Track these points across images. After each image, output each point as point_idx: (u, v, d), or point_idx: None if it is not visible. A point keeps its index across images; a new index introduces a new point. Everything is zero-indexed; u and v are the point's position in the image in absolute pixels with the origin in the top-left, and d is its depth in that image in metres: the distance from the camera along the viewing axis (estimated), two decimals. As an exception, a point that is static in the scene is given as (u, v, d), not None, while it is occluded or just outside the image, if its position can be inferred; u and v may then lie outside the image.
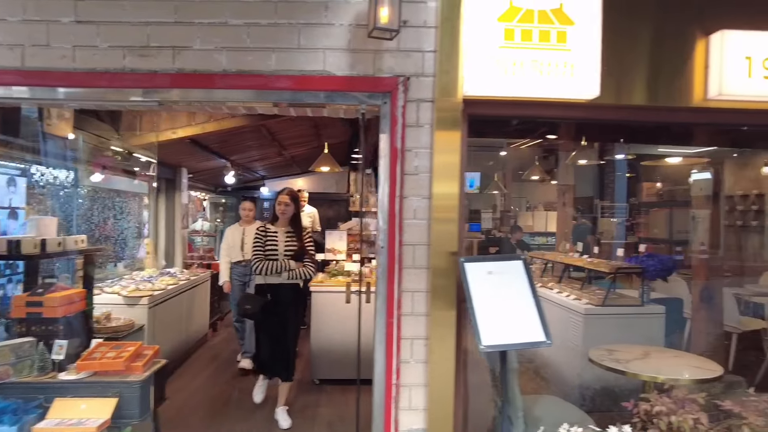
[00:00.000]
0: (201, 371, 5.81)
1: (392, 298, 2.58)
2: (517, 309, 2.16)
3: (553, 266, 6.46)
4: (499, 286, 2.21)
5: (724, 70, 2.41)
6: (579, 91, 2.37)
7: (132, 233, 7.06)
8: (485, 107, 2.53)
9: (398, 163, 2.56)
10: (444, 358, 2.49)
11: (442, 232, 2.49)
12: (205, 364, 6.15)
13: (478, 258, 2.29)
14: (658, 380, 2.94)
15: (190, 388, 5.27)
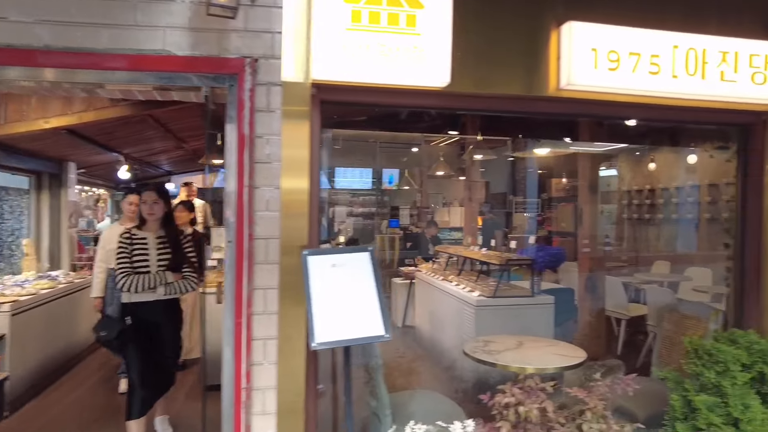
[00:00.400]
0: (84, 381, 5.34)
1: (240, 297, 2.41)
2: (358, 303, 2.06)
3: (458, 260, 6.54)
4: (342, 279, 2.10)
5: (572, 60, 2.44)
6: (429, 78, 2.31)
7: (5, 233, 6.39)
8: (337, 93, 2.41)
9: (246, 150, 2.38)
10: (293, 359, 2.35)
11: (291, 225, 2.35)
12: (90, 373, 5.67)
13: (322, 251, 2.17)
14: (527, 371, 2.97)
15: (66, 401, 4.83)
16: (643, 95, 2.58)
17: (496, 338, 3.49)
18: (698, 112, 2.80)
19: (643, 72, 2.53)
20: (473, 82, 2.46)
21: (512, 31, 2.52)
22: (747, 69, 2.68)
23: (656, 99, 2.63)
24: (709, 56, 2.62)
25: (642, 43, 2.53)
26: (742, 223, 3.05)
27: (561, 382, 3.91)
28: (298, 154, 2.33)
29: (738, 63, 2.66)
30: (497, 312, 4.63)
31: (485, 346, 3.30)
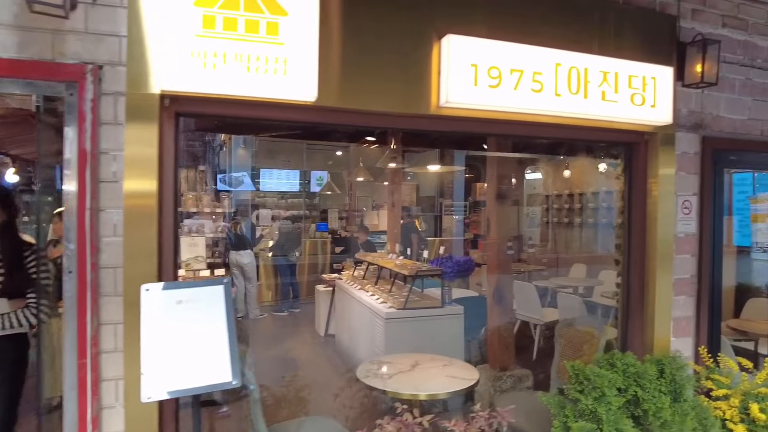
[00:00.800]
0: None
1: (84, 334, 2.12)
2: (205, 345, 1.84)
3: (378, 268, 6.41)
4: (188, 318, 1.88)
5: (450, 77, 2.33)
6: (294, 92, 2.12)
7: None
8: (194, 105, 2.17)
9: (88, 168, 2.09)
10: (141, 403, 2.09)
11: (135, 253, 2.08)
12: None
13: (167, 285, 1.93)
14: (419, 398, 2.86)
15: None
16: (527, 113, 2.52)
17: (392, 359, 3.38)
18: (584, 131, 2.79)
19: (525, 89, 2.46)
20: (346, 96, 2.30)
21: (392, 43, 2.37)
22: (627, 90, 2.68)
23: (541, 117, 2.58)
24: (591, 75, 2.60)
25: (525, 59, 2.46)
26: (627, 239, 3.08)
27: (454, 403, 3.87)
28: (144, 172, 2.07)
29: (618, 84, 2.66)
30: (407, 324, 4.54)
31: (379, 368, 3.17)
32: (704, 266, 3.21)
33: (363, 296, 5.27)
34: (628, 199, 3.06)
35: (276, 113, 2.25)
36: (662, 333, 3.03)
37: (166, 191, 2.16)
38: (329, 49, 2.24)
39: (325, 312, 7.13)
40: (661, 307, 3.01)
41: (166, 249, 2.18)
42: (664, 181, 2.98)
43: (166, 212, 2.16)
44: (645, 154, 2.99)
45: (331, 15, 2.24)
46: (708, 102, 3.18)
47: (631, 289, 3.06)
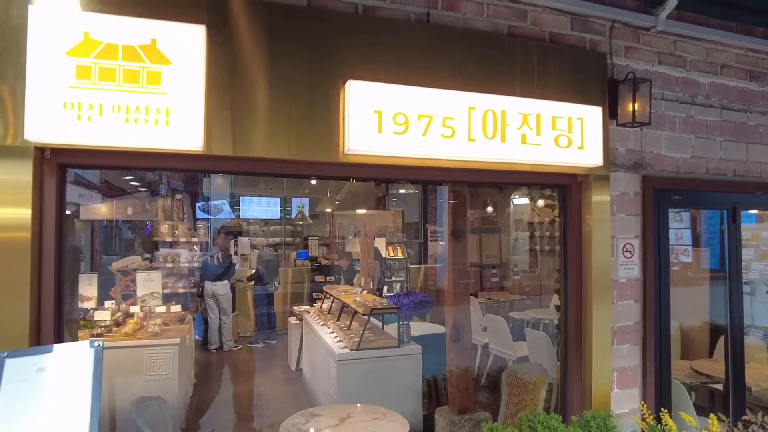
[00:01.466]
0: None
1: (-48, 399, 1.99)
2: (65, 422, 1.70)
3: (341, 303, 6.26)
4: (49, 389, 1.74)
5: (351, 125, 2.23)
6: (177, 142, 2.02)
7: None
8: (77, 156, 2.07)
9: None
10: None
11: (6, 316, 1.96)
12: None
13: (28, 351, 1.80)
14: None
15: None
16: (439, 159, 2.41)
17: (324, 411, 3.21)
18: (507, 175, 2.67)
19: (435, 135, 2.35)
20: (242, 144, 2.19)
21: (296, 89, 2.28)
22: (550, 132, 2.57)
23: (455, 162, 2.47)
24: (509, 118, 2.50)
25: (434, 104, 2.36)
26: (564, 284, 2.94)
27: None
28: (15, 226, 1.96)
29: (541, 126, 2.55)
30: (361, 366, 4.37)
31: (306, 422, 3.01)
32: (649, 312, 3.05)
33: (322, 333, 5.12)
34: (563, 243, 2.93)
35: (164, 163, 2.15)
36: (602, 384, 2.87)
37: (45, 245, 2.05)
38: (221, 96, 2.15)
39: (296, 345, 6.96)
40: (600, 356, 2.85)
41: (45, 308, 2.06)
42: (599, 225, 2.85)
43: (45, 266, 2.05)
44: (579, 196, 2.87)
45: (223, 61, 2.16)
46: (648, 140, 3.07)
47: (569, 338, 2.91)
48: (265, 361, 7.57)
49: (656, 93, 3.06)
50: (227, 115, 2.15)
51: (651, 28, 3.03)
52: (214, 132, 2.11)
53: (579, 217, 2.88)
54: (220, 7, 2.15)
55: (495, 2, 2.69)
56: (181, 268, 8.29)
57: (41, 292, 2.04)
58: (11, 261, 1.97)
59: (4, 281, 1.96)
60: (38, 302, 2.03)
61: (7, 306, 1.96)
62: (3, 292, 1.95)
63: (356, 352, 4.38)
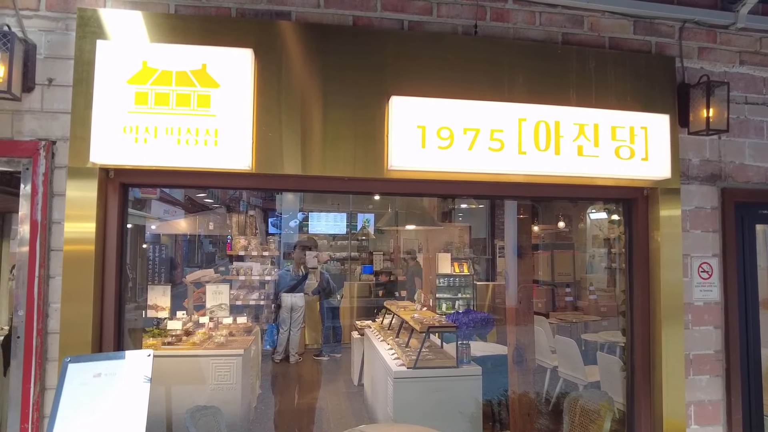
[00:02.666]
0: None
1: (28, 400, 2.18)
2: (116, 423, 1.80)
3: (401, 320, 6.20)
4: (104, 392, 1.85)
5: (393, 141, 2.21)
6: (226, 162, 2.10)
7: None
8: (137, 176, 2.23)
9: (38, 237, 2.20)
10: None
11: (71, 320, 2.12)
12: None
13: (88, 357, 1.93)
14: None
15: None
16: (486, 173, 2.32)
17: (374, 429, 3.16)
18: (563, 189, 2.52)
19: (482, 149, 2.27)
20: (289, 162, 2.24)
21: (342, 107, 2.30)
22: (610, 143, 2.40)
23: (505, 176, 2.37)
24: (564, 129, 2.36)
25: (482, 116, 2.29)
26: (629, 307, 2.71)
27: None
28: (82, 240, 2.13)
29: (598, 136, 2.39)
30: (418, 385, 4.28)
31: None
32: (733, 339, 2.73)
33: (381, 349, 5.09)
34: (628, 261, 2.71)
35: (214, 181, 2.25)
36: (675, 418, 2.59)
37: (108, 257, 2.20)
38: (269, 116, 2.22)
39: (358, 360, 6.98)
40: (672, 386, 2.58)
41: (107, 316, 2.21)
42: (669, 241, 2.61)
43: (108, 277, 2.20)
44: (645, 210, 2.65)
45: (270, 82, 2.23)
46: (728, 149, 2.78)
47: (635, 365, 2.66)
48: (329, 375, 7.65)
49: (738, 97, 2.78)
50: (275, 134, 2.22)
51: (730, 26, 2.77)
52: (262, 151, 2.18)
53: (646, 233, 2.65)
54: (266, 31, 2.23)
55: (548, 10, 2.58)
56: (252, 281, 8.64)
57: (103, 301, 2.19)
58: (78, 271, 2.13)
59: (72, 290, 2.13)
60: (101, 310, 2.18)
61: (73, 312, 2.12)
62: (70, 300, 2.11)
63: (413, 370, 4.30)
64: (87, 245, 2.12)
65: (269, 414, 5.64)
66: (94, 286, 2.13)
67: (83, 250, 2.13)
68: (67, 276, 2.13)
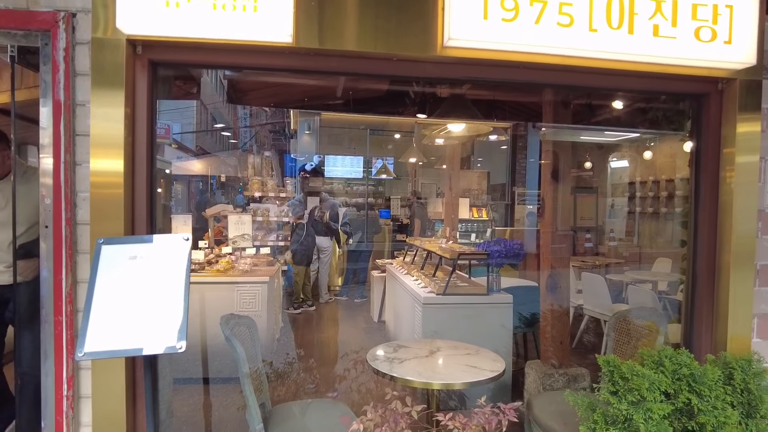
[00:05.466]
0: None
1: (60, 291, 2.06)
2: (156, 305, 1.67)
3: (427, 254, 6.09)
4: (141, 274, 1.72)
5: (453, 8, 1.96)
6: (265, 32, 1.88)
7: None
8: (167, 51, 2.01)
9: (62, 119, 2.02)
10: (111, 368, 1.99)
11: (102, 209, 1.97)
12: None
13: (122, 239, 1.79)
14: (432, 386, 2.53)
15: None
16: (552, 53, 2.08)
17: (413, 342, 3.06)
18: (630, 79, 2.28)
19: (549, 23, 2.02)
20: (330, 37, 2.01)
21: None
22: (689, 22, 2.14)
23: (571, 60, 2.12)
24: (638, 5, 2.10)
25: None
26: (694, 213, 2.51)
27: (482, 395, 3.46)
28: (110, 124, 1.94)
29: (677, 14, 2.12)
30: (446, 311, 4.18)
31: (394, 352, 2.87)
32: (803, 251, 2.54)
33: (407, 281, 4.98)
34: (695, 165, 2.49)
35: (252, 59, 2.03)
36: (740, 332, 2.43)
37: (138, 142, 2.03)
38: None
39: (378, 297, 6.94)
40: (738, 299, 2.41)
41: (138, 207, 2.05)
42: (744, 143, 2.37)
43: (138, 164, 2.03)
44: (719, 107, 2.40)
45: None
46: (814, 42, 2.49)
47: (698, 273, 2.49)
48: (350, 312, 7.65)
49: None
50: (315, 3, 1.97)
51: None
52: (303, 21, 1.95)
53: (717, 133, 2.42)
54: None
55: None
56: (270, 223, 8.53)
57: (134, 188, 2.02)
58: (107, 156, 1.96)
59: (101, 177, 1.96)
60: (132, 198, 2.03)
61: (104, 201, 1.96)
62: (100, 187, 1.95)
63: (442, 296, 4.19)
64: (115, 128, 1.94)
65: (291, 346, 5.64)
66: (125, 173, 1.97)
67: (111, 135, 1.95)
68: (96, 162, 1.96)
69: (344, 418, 2.14)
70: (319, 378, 4.00)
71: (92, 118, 1.95)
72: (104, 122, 1.94)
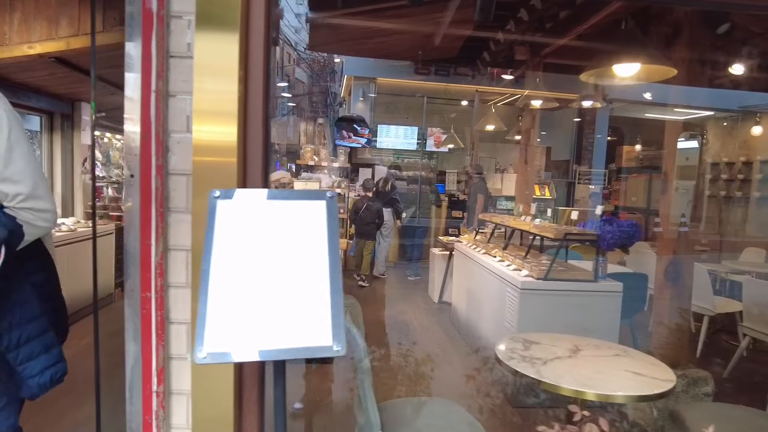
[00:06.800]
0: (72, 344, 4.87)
1: (148, 261, 1.60)
2: (294, 288, 1.18)
3: (505, 232, 5.53)
4: (273, 244, 1.23)
5: None
6: None
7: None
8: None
9: (154, 35, 1.52)
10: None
11: (208, 154, 1.48)
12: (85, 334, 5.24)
13: (245, 192, 1.29)
14: (586, 396, 2.01)
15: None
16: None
17: (541, 337, 2.54)
18: None
19: None
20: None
21: None
22: None
23: None
24: None
25: None
26: None
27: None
28: (223, 45, 1.44)
29: None
30: (548, 298, 3.65)
31: (526, 350, 2.36)
32: None
33: (490, 262, 4.45)
34: None
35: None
36: None
37: (252, 70, 1.52)
38: None
39: (439, 277, 6.46)
40: None
41: (252, 153, 1.56)
42: None
43: (252, 100, 1.53)
44: None
45: None
46: None
47: None
48: (405, 291, 7.20)
49: None
50: None
51: None
52: None
53: None
54: None
55: None
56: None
57: (247, 130, 1.53)
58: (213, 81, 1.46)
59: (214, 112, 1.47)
60: (244, 137, 1.53)
61: (208, 140, 1.47)
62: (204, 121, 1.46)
63: (543, 281, 3.65)
64: (226, 45, 1.44)
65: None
66: (240, 110, 1.46)
67: (221, 51, 1.44)
68: (201, 90, 1.47)
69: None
70: (393, 366, 3.57)
71: (197, 31, 1.45)
72: (212, 36, 1.43)
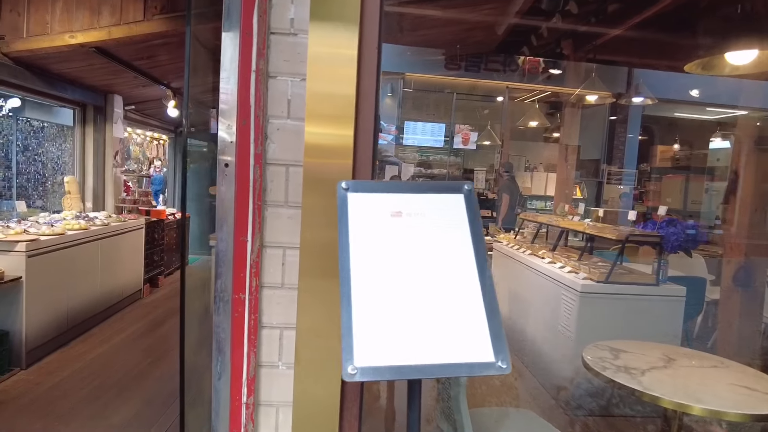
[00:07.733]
0: (113, 337, 4.81)
1: (243, 258, 1.46)
2: (443, 289, 1.03)
3: (548, 231, 5.36)
4: (412, 242, 1.08)
5: None
6: None
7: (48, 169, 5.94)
8: None
9: (256, 6, 1.38)
10: (320, 362, 1.39)
11: (320, 142, 1.34)
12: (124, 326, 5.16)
13: (376, 185, 1.15)
14: (692, 410, 1.85)
15: (89, 356, 4.29)
16: None
17: (627, 345, 2.37)
18: None
19: None
20: None
21: None
22: None
23: None
24: None
25: None
26: None
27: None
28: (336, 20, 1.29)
29: None
30: (609, 303, 3.48)
31: (615, 358, 2.19)
32: None
33: (539, 263, 4.28)
34: None
35: None
36: None
37: (366, 52, 1.37)
38: None
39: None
40: None
41: (362, 142, 1.41)
42: None
43: (365, 84, 1.38)
44: None
45: None
46: None
47: None
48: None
49: None
50: None
51: None
52: None
53: None
54: None
55: None
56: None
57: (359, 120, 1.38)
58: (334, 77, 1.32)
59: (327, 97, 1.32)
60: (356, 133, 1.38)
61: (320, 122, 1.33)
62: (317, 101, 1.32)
63: (604, 285, 3.48)
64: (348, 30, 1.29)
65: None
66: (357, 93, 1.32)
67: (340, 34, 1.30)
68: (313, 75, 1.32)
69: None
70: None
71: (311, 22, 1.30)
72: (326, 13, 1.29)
